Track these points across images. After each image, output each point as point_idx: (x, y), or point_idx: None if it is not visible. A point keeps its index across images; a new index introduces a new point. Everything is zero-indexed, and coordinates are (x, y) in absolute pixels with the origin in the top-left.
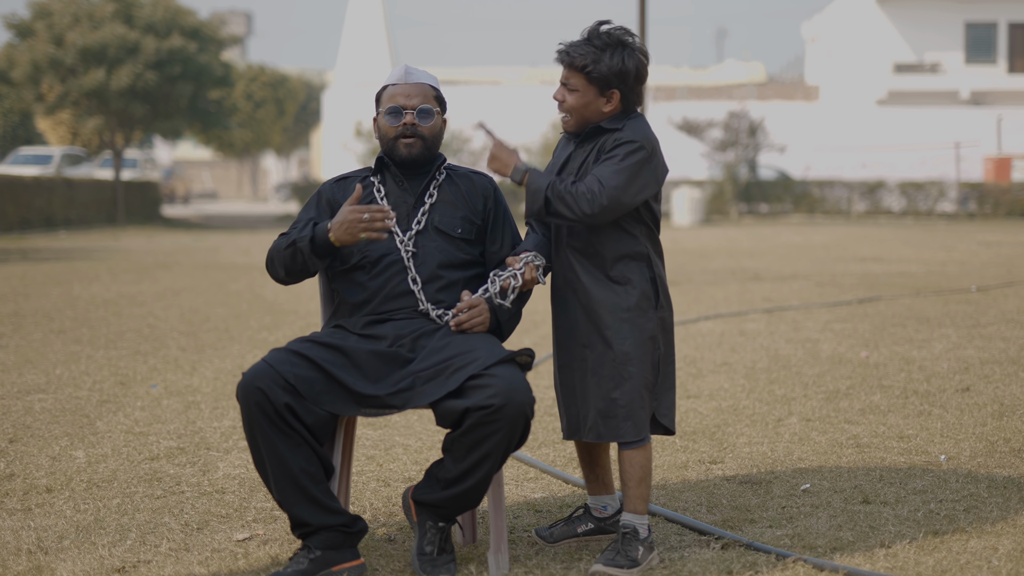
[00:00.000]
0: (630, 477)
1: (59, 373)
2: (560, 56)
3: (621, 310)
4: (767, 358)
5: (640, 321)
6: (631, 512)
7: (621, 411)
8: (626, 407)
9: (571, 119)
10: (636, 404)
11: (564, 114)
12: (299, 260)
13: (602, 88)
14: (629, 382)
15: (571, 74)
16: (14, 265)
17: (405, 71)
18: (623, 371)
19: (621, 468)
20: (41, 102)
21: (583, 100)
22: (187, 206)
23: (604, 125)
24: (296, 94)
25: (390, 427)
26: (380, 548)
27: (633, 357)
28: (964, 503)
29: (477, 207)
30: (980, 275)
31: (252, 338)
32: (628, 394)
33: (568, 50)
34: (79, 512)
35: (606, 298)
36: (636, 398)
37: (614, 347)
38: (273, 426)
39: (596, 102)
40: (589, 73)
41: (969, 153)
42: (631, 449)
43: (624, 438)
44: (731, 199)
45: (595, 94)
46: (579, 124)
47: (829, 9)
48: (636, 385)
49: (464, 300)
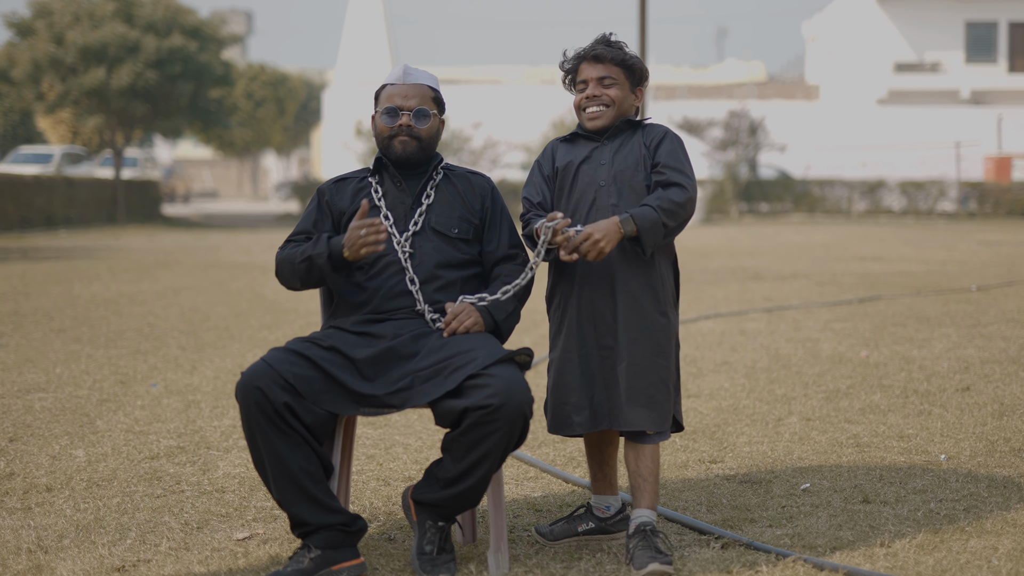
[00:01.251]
0: (650, 472)
1: (59, 372)
2: (597, 51)
3: (660, 302)
4: (767, 357)
5: (672, 316)
6: (650, 508)
7: (650, 401)
8: (655, 397)
9: (609, 112)
10: (663, 396)
11: (599, 108)
12: (316, 275)
13: (635, 83)
14: (659, 374)
15: (610, 67)
16: (14, 264)
17: (404, 71)
18: (656, 363)
19: (638, 464)
20: (41, 101)
21: (622, 93)
22: (187, 205)
23: (631, 119)
24: (296, 93)
25: (390, 426)
26: (380, 547)
27: (666, 351)
28: (964, 503)
29: (474, 207)
30: (980, 274)
31: (252, 337)
32: (656, 385)
33: (604, 45)
34: (79, 511)
35: (647, 288)
36: (663, 390)
37: (652, 337)
38: (272, 425)
39: (629, 97)
40: (631, 66)
41: (969, 152)
42: (652, 444)
43: (653, 427)
44: (731, 198)
45: (629, 89)
46: (614, 119)
47: (830, 8)
48: (666, 378)
49: (448, 310)
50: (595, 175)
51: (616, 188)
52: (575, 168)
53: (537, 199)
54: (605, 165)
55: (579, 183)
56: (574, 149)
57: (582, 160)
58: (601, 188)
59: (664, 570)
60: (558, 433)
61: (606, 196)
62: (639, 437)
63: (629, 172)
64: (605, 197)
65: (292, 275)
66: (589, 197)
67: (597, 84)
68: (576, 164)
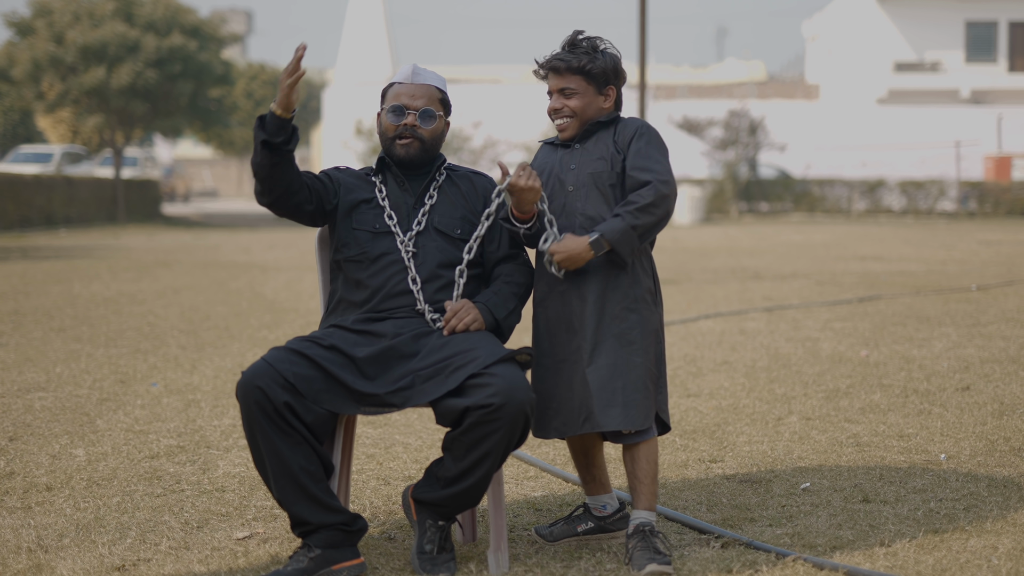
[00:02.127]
0: (645, 474)
1: (59, 371)
2: (553, 64)
3: (629, 300)
4: (767, 357)
5: (646, 313)
6: (647, 509)
7: (624, 400)
8: (630, 396)
9: (574, 123)
10: (639, 395)
11: (563, 120)
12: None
13: (600, 85)
14: (633, 372)
15: (568, 78)
16: (14, 263)
17: (413, 71)
18: (629, 360)
19: (634, 465)
20: (41, 100)
21: (584, 100)
22: (187, 204)
23: (602, 119)
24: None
25: (390, 425)
26: (380, 547)
27: (639, 347)
28: (964, 502)
29: (477, 207)
30: (980, 274)
31: (252, 336)
32: (632, 384)
33: (560, 57)
34: (79, 510)
35: (615, 287)
36: (639, 388)
37: (621, 336)
38: (273, 425)
39: (596, 100)
40: (589, 71)
41: (969, 152)
42: (639, 443)
43: (628, 426)
44: (731, 198)
45: (594, 93)
46: (581, 127)
47: (830, 8)
48: (642, 375)
49: (447, 308)
50: (564, 180)
51: (584, 192)
52: (548, 173)
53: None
54: (575, 170)
55: (552, 189)
56: (553, 153)
57: (554, 164)
58: (570, 193)
59: (662, 570)
60: (540, 436)
61: (574, 200)
62: (620, 437)
63: (596, 175)
64: (574, 201)
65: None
66: (560, 203)
67: (559, 96)
68: (548, 169)
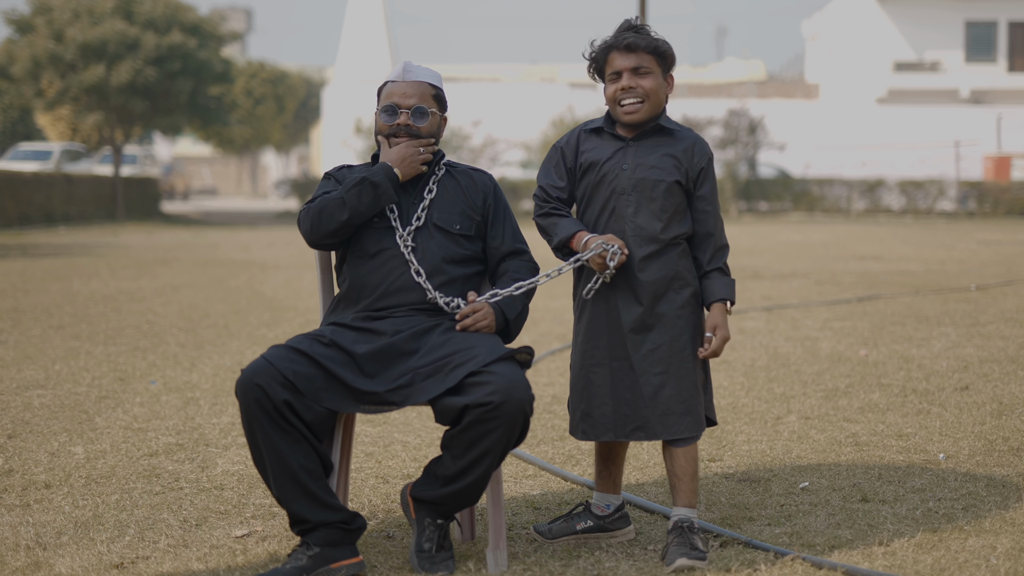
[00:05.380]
0: (685, 472)
1: (58, 369)
2: (629, 41)
3: (679, 305)
4: (766, 356)
5: (693, 318)
6: (686, 506)
7: (682, 407)
8: (686, 403)
9: (645, 107)
10: (695, 400)
11: (634, 102)
12: (365, 199)
13: (666, 69)
14: (687, 378)
15: (642, 56)
16: (13, 261)
17: (404, 68)
18: (681, 367)
19: (674, 463)
20: (41, 98)
21: (657, 82)
22: (187, 202)
23: (664, 124)
24: (296, 91)
25: (389, 424)
26: (379, 545)
27: (690, 353)
28: (963, 501)
29: (476, 203)
30: (979, 274)
31: (251, 334)
32: (687, 390)
33: (636, 31)
34: (77, 508)
35: (665, 291)
36: (695, 394)
37: (673, 342)
38: (272, 423)
39: (662, 86)
40: (663, 53)
41: (969, 152)
42: (686, 446)
43: (683, 434)
44: (731, 197)
45: (662, 76)
46: (652, 110)
47: (829, 7)
48: (694, 380)
49: (469, 303)
50: (616, 180)
51: (636, 198)
52: (598, 169)
53: (556, 193)
54: (627, 170)
55: (601, 187)
56: (601, 146)
57: (605, 160)
58: (621, 196)
59: (692, 564)
60: (584, 439)
61: (625, 205)
62: (674, 442)
63: (651, 183)
64: (624, 207)
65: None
66: (609, 205)
67: (631, 75)
68: (600, 165)
